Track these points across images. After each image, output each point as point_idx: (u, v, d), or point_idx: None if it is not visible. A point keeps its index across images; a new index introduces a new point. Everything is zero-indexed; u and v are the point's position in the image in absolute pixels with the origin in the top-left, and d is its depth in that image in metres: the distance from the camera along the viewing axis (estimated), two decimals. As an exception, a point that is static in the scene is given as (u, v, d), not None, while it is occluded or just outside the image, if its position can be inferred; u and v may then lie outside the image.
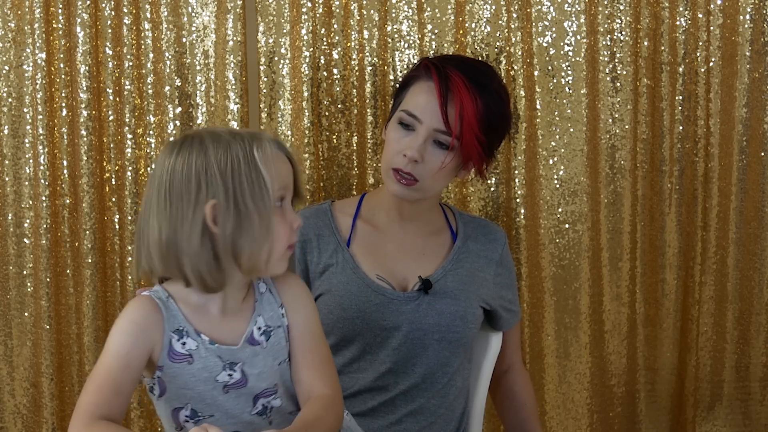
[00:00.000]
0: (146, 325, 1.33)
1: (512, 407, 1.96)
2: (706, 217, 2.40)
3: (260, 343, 1.40)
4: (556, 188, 2.35)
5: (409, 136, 1.75)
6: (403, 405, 1.79)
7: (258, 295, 1.42)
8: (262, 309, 1.41)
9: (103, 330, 2.35)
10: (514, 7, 2.30)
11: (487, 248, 1.89)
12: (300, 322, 1.43)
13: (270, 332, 1.41)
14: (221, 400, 1.38)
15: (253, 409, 1.40)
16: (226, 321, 1.39)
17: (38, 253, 2.30)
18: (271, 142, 1.36)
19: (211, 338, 1.37)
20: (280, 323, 1.42)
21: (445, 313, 1.79)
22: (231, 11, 2.26)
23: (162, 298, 1.36)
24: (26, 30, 2.29)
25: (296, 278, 1.49)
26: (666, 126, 2.37)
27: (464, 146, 1.74)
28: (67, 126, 2.29)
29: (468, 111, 1.72)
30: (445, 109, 1.73)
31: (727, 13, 2.34)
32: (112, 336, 1.32)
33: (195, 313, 1.38)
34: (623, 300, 2.41)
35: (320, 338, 1.44)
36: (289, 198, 1.37)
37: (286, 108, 2.31)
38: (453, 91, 1.73)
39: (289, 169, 1.37)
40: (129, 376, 1.30)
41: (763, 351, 2.45)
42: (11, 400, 2.38)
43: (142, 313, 1.34)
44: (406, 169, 1.74)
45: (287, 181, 1.36)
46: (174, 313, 1.36)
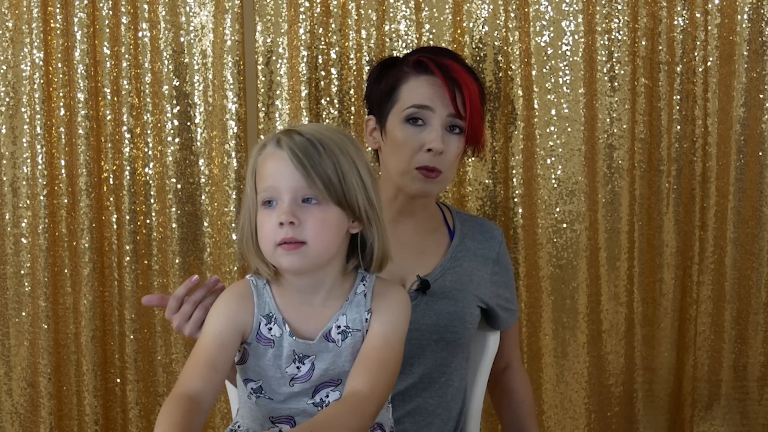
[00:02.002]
0: (238, 309, 1.41)
1: (510, 405, 1.96)
2: (704, 216, 2.41)
3: (336, 341, 1.41)
4: (554, 188, 2.35)
5: (424, 130, 1.75)
6: (401, 405, 1.78)
7: (352, 295, 1.43)
8: (348, 309, 1.43)
9: (101, 329, 2.35)
10: (511, 6, 2.30)
11: (484, 246, 1.89)
12: (377, 326, 1.42)
13: (348, 333, 1.42)
14: (285, 389, 1.43)
15: (310, 399, 1.43)
16: (314, 313, 1.42)
17: (36, 252, 2.30)
18: (274, 142, 1.36)
19: (293, 329, 1.41)
20: (360, 327, 1.42)
21: (443, 314, 1.78)
22: (229, 11, 2.26)
23: (258, 284, 1.44)
24: (24, 29, 2.29)
25: (397, 288, 1.48)
26: (664, 126, 2.37)
27: (474, 128, 1.76)
28: (64, 125, 2.29)
29: (473, 93, 1.75)
30: (453, 95, 1.74)
31: (725, 13, 2.34)
32: (209, 317, 1.42)
33: (287, 302, 1.43)
34: (621, 299, 2.41)
35: (392, 345, 1.41)
36: (284, 198, 1.34)
37: (284, 107, 2.31)
38: (456, 77, 1.74)
39: (280, 166, 1.34)
40: (224, 354, 1.38)
41: (760, 351, 2.45)
42: (8, 399, 2.38)
43: (236, 297, 1.43)
44: (431, 165, 1.74)
45: (272, 182, 1.34)
46: (266, 299, 1.43)
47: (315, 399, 1.43)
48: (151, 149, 2.34)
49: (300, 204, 1.34)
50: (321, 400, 1.43)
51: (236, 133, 2.30)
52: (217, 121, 2.31)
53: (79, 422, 2.37)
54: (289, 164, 1.33)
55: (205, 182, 2.35)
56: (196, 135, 2.34)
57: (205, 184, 2.35)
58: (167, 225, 2.35)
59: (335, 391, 1.43)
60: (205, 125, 2.33)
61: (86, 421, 2.35)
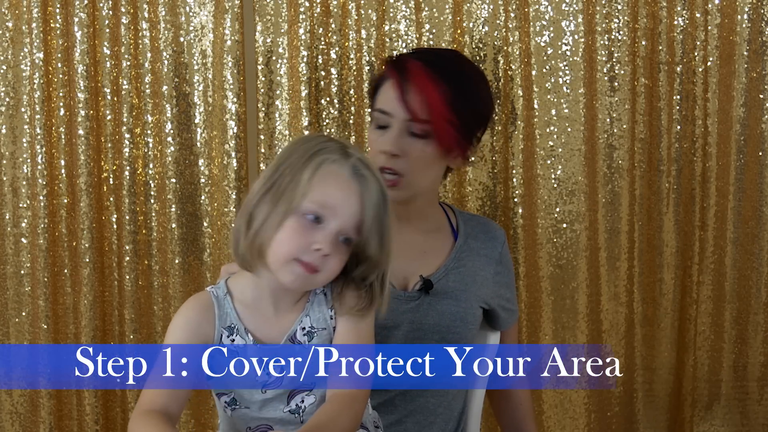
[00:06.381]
0: (200, 321, 1.39)
1: (508, 407, 1.96)
2: (704, 216, 2.41)
3: (302, 342, 1.41)
4: (554, 188, 2.36)
5: (386, 134, 1.75)
6: (402, 405, 1.78)
7: (312, 295, 1.43)
8: (310, 309, 1.42)
9: (101, 330, 2.35)
10: (512, 6, 2.30)
11: (487, 246, 1.89)
12: (346, 322, 1.42)
13: (313, 333, 1.41)
14: (257, 396, 1.41)
15: (286, 407, 1.42)
16: (277, 319, 1.41)
17: (36, 252, 2.30)
18: (350, 169, 1.34)
19: (256, 337, 1.40)
20: (326, 326, 1.42)
21: (446, 314, 1.78)
22: (229, 11, 2.26)
23: (219, 295, 1.41)
24: (24, 30, 2.29)
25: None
26: (664, 126, 2.37)
27: (437, 132, 1.72)
28: (64, 125, 2.29)
29: (431, 95, 1.70)
30: (406, 97, 1.72)
31: (725, 13, 2.34)
32: (169, 332, 1.39)
33: (248, 311, 1.41)
34: (621, 300, 2.41)
35: (365, 339, 1.42)
36: (333, 226, 1.33)
37: (284, 107, 2.31)
38: (410, 80, 1.71)
39: (350, 203, 1.34)
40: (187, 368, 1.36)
41: (760, 350, 2.45)
42: (8, 399, 2.38)
43: (197, 310, 1.40)
44: (387, 165, 1.73)
45: (334, 207, 1.33)
46: (227, 311, 1.40)
47: (291, 405, 1.42)
48: (151, 149, 2.34)
49: (338, 239, 1.34)
50: (297, 406, 1.42)
51: (236, 133, 2.30)
52: (217, 121, 2.31)
53: (79, 422, 2.37)
54: (357, 206, 1.34)
55: (205, 182, 2.35)
56: (196, 135, 2.34)
57: (205, 184, 2.35)
58: (167, 225, 2.35)
59: (310, 396, 1.42)
60: (205, 125, 2.33)
61: (86, 421, 2.35)
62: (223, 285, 1.43)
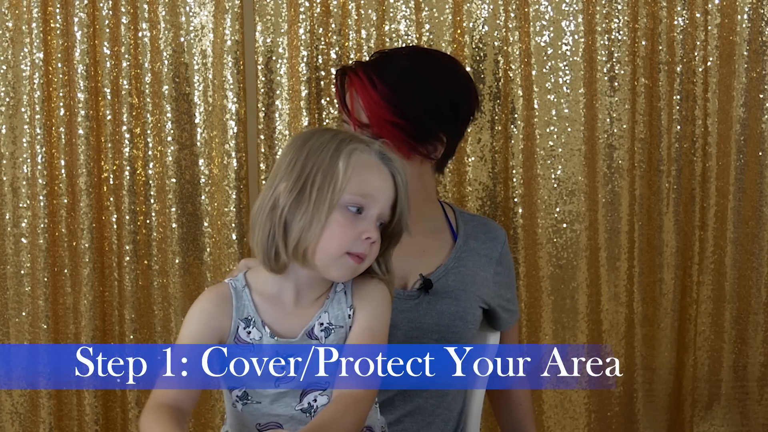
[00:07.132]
0: (216, 313, 1.39)
1: (508, 407, 1.96)
2: (704, 216, 2.41)
3: (318, 338, 1.41)
4: (554, 188, 2.36)
5: None
6: (401, 405, 1.78)
7: (333, 293, 1.43)
8: (330, 306, 1.42)
9: (101, 330, 2.35)
10: (511, 6, 2.30)
11: (487, 246, 1.88)
12: (362, 320, 1.42)
13: (331, 330, 1.41)
14: (270, 391, 1.41)
15: (298, 405, 1.42)
16: (296, 314, 1.41)
17: (36, 252, 2.30)
18: (377, 155, 1.37)
19: (273, 331, 1.40)
20: (343, 324, 1.42)
21: (445, 314, 1.78)
22: (229, 11, 2.27)
23: (238, 287, 1.41)
24: (24, 29, 2.29)
25: (376, 282, 1.47)
26: (664, 126, 2.37)
27: (381, 134, 1.70)
28: (64, 125, 2.29)
29: (364, 98, 1.70)
30: (346, 104, 1.73)
31: (725, 13, 2.34)
32: (186, 322, 1.39)
33: (267, 304, 1.41)
34: (621, 300, 2.41)
35: (379, 339, 1.42)
36: (373, 213, 1.35)
37: (284, 108, 2.31)
38: (349, 86, 1.72)
39: (386, 186, 1.37)
40: (201, 360, 1.36)
41: (760, 350, 2.45)
42: (8, 399, 2.38)
43: (214, 302, 1.40)
44: None
45: (373, 194, 1.35)
46: (245, 303, 1.40)
47: (303, 404, 1.42)
48: (151, 149, 2.34)
49: (377, 224, 1.37)
50: (309, 404, 1.42)
51: (236, 133, 2.30)
52: (217, 121, 2.31)
53: (79, 422, 2.37)
54: (392, 189, 1.37)
55: (205, 182, 2.35)
56: (196, 135, 2.34)
57: (205, 184, 2.35)
58: (167, 225, 2.35)
59: (323, 396, 1.42)
60: (205, 125, 2.33)
61: (86, 421, 2.35)
62: (242, 277, 1.43)
